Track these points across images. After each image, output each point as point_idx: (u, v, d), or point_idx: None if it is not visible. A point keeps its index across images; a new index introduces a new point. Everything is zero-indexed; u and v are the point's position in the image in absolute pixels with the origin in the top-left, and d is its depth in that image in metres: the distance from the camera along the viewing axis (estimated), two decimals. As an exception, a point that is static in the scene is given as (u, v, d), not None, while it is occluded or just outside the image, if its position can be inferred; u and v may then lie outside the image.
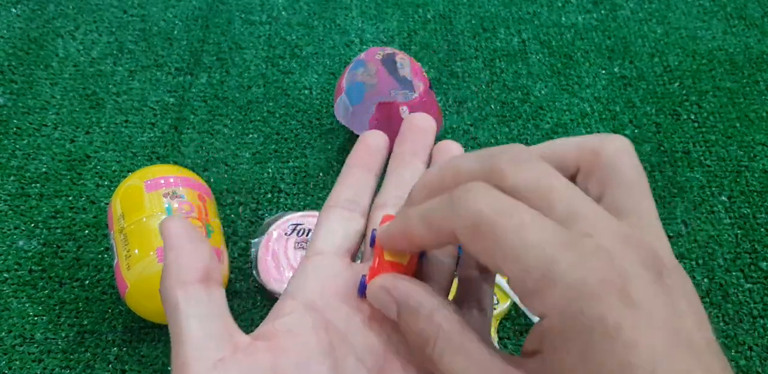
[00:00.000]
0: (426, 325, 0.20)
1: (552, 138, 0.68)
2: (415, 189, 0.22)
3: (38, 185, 0.62)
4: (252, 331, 0.23)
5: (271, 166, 0.65)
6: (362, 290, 0.23)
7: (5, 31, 0.74)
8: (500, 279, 0.54)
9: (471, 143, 0.67)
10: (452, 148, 0.28)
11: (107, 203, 0.61)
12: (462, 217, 0.18)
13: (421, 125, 0.28)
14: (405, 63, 0.62)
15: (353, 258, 0.26)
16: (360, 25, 0.77)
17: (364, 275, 0.23)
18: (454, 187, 0.19)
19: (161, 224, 0.23)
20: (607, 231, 0.17)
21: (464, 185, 0.19)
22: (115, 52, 0.73)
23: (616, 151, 0.20)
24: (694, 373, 0.16)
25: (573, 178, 0.21)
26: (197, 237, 0.23)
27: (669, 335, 0.16)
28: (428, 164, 0.28)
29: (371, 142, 0.28)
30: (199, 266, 0.22)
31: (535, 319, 0.51)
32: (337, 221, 0.26)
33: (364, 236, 0.27)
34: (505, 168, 0.19)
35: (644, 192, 0.20)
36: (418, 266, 0.24)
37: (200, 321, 0.22)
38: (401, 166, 0.28)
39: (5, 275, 0.56)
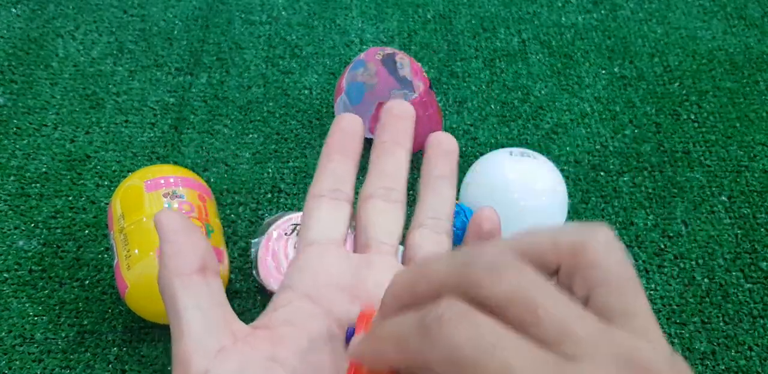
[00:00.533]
0: None
1: (552, 138, 0.68)
2: (386, 298, 0.20)
3: (38, 185, 0.62)
4: None
5: (271, 166, 0.65)
6: None
7: (5, 31, 0.74)
8: None
9: (471, 143, 0.67)
10: (443, 141, 0.28)
11: (107, 203, 0.61)
12: (438, 351, 0.16)
13: (399, 113, 0.28)
14: (405, 63, 0.62)
15: (344, 244, 0.26)
16: (360, 25, 0.77)
17: None
18: (427, 298, 0.18)
19: (155, 217, 0.23)
20: (601, 353, 0.16)
21: (437, 307, 0.17)
22: (115, 52, 0.73)
23: (601, 247, 0.18)
24: None
25: (554, 274, 0.19)
26: (192, 229, 0.23)
27: None
28: (410, 152, 0.28)
29: (345, 126, 0.28)
30: (196, 257, 0.23)
31: None
32: (325, 211, 0.26)
33: (351, 222, 0.27)
34: (482, 279, 0.17)
35: (636, 290, 0.18)
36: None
37: (200, 312, 0.22)
38: (383, 155, 0.28)
39: (5, 275, 0.56)
